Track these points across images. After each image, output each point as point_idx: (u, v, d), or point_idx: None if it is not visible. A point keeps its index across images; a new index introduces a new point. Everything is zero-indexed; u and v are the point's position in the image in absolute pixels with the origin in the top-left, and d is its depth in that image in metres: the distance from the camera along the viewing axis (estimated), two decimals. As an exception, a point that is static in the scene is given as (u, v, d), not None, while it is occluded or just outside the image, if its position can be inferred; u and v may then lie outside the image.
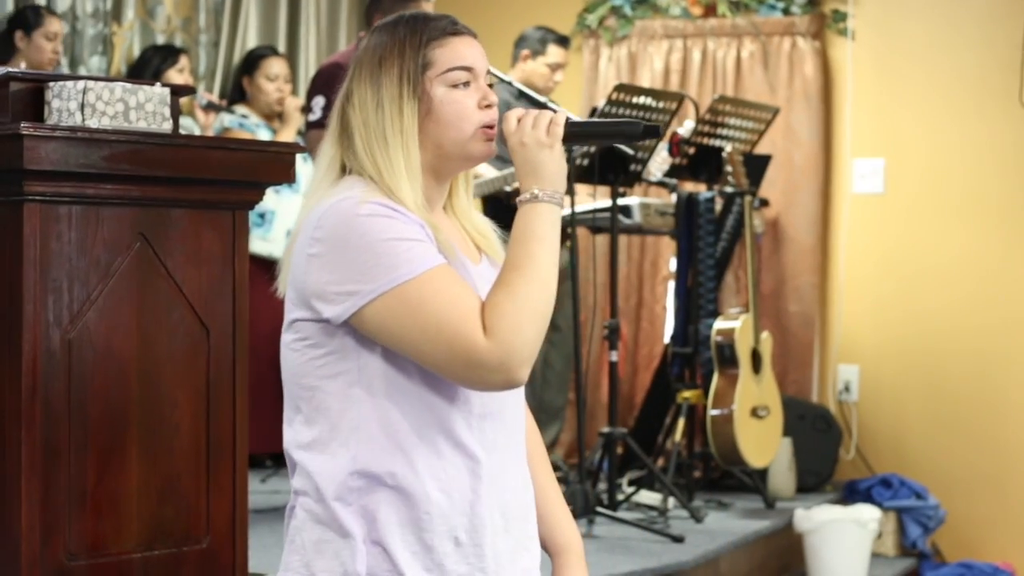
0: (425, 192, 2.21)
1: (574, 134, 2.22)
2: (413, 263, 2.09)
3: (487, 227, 2.34)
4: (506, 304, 2.08)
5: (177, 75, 5.95)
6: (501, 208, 5.58)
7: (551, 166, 2.18)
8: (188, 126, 6.01)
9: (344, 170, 2.23)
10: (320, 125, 5.12)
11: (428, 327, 2.08)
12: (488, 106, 2.23)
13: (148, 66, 5.99)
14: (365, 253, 2.09)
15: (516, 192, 5.45)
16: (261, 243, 6.14)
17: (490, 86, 2.25)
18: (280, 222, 6.20)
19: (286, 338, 2.21)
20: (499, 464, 2.21)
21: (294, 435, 2.23)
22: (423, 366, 2.12)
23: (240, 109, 6.27)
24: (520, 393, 2.27)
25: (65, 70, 5.97)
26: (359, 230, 2.10)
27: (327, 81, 5.17)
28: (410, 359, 2.12)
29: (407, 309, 2.08)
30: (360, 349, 2.14)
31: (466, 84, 2.22)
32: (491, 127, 2.23)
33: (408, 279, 2.08)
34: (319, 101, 5.15)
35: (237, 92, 6.36)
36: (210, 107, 6.08)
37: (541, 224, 2.15)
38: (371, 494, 2.15)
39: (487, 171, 5.49)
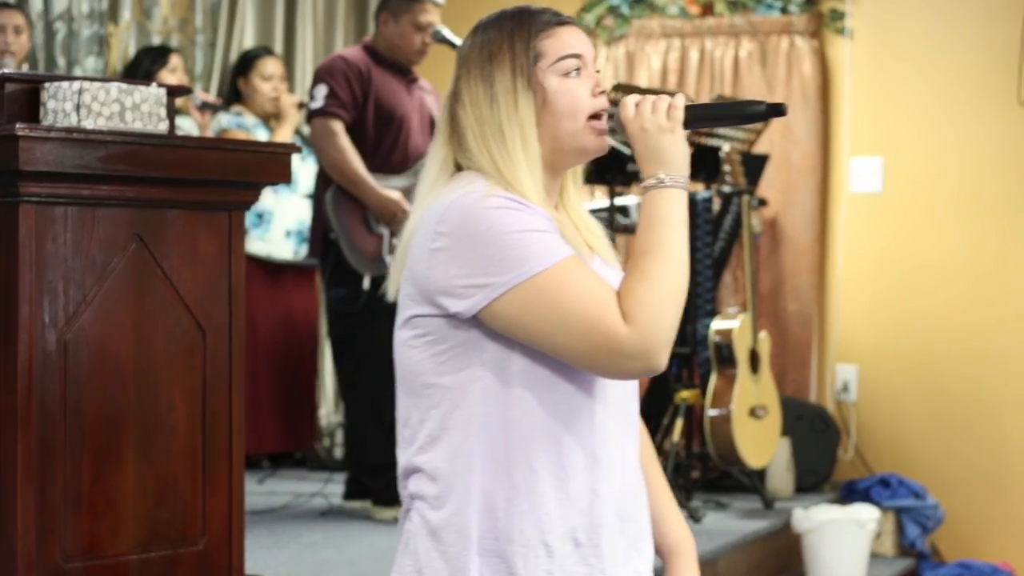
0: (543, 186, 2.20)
1: (695, 117, 2.20)
2: (545, 254, 2.07)
3: (597, 225, 2.32)
4: (642, 289, 2.07)
5: (169, 75, 5.92)
6: None
7: (673, 150, 2.17)
8: (187, 128, 5.99)
9: (457, 169, 2.21)
10: (322, 113, 5.11)
11: (565, 317, 2.05)
12: (601, 93, 2.21)
13: (139, 68, 5.97)
14: (493, 246, 2.07)
15: None
16: (259, 243, 6.13)
17: (598, 73, 2.24)
18: (278, 222, 6.19)
19: (403, 335, 2.17)
20: (617, 464, 2.19)
21: (410, 435, 2.19)
22: (557, 357, 2.09)
23: (237, 109, 6.26)
24: (636, 396, 2.25)
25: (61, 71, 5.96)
26: (486, 223, 2.08)
27: (329, 71, 5.16)
28: (542, 351, 2.10)
29: (542, 300, 2.06)
30: (485, 344, 2.11)
31: (577, 71, 2.21)
32: (600, 116, 2.21)
33: (541, 270, 2.06)
34: (321, 90, 5.14)
35: (233, 93, 6.35)
36: (205, 106, 6.06)
37: (669, 208, 2.15)
38: (491, 496, 2.12)
39: None
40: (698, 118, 2.21)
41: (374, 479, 5.10)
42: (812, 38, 6.86)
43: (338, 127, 5.07)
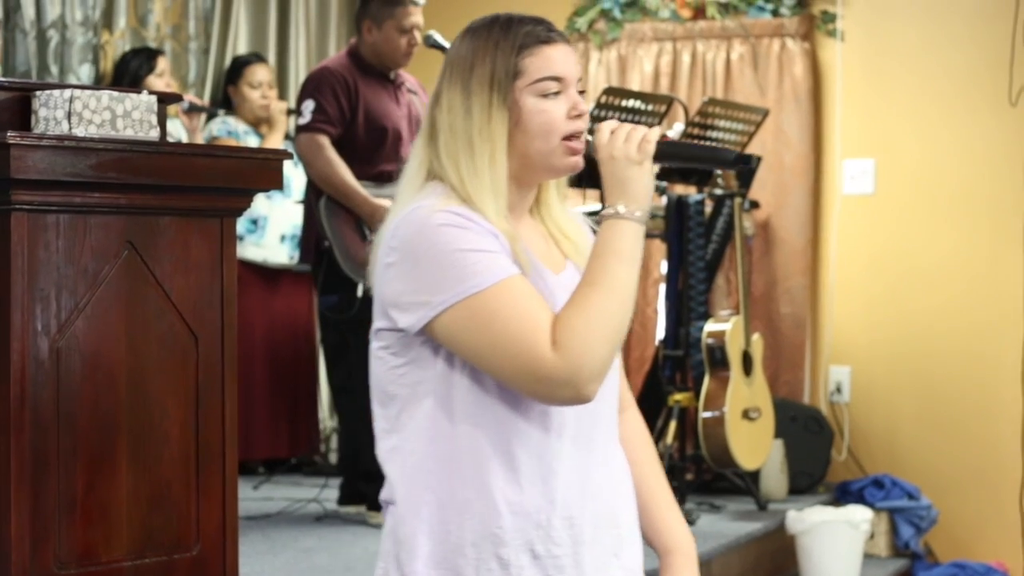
0: (508, 199, 2.18)
1: (665, 153, 2.19)
2: (483, 275, 2.07)
3: (576, 231, 2.30)
4: (576, 319, 2.06)
5: (156, 80, 5.90)
6: None
7: (638, 183, 2.15)
8: (175, 131, 5.99)
9: (429, 175, 2.21)
10: (309, 128, 5.11)
11: (496, 340, 2.06)
12: (578, 116, 2.20)
13: (127, 71, 5.95)
14: (435, 264, 2.08)
15: None
16: (255, 249, 6.14)
17: (581, 93, 2.22)
18: (273, 228, 6.20)
19: (372, 346, 2.20)
20: (580, 473, 2.18)
21: (380, 443, 2.22)
22: (493, 377, 2.10)
23: (226, 117, 6.27)
24: (607, 399, 2.23)
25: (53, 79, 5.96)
26: (430, 240, 2.08)
27: (317, 85, 5.17)
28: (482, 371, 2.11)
29: (476, 322, 2.06)
30: (437, 360, 2.13)
31: (556, 94, 2.19)
32: (576, 137, 2.19)
33: (477, 291, 2.07)
34: (309, 105, 5.14)
35: (224, 101, 6.36)
36: (193, 109, 6.07)
37: (621, 241, 2.12)
38: (446, 508, 2.13)
39: None
40: (669, 155, 2.21)
41: (369, 484, 5.11)
42: (803, 40, 6.87)
43: (325, 141, 5.08)
